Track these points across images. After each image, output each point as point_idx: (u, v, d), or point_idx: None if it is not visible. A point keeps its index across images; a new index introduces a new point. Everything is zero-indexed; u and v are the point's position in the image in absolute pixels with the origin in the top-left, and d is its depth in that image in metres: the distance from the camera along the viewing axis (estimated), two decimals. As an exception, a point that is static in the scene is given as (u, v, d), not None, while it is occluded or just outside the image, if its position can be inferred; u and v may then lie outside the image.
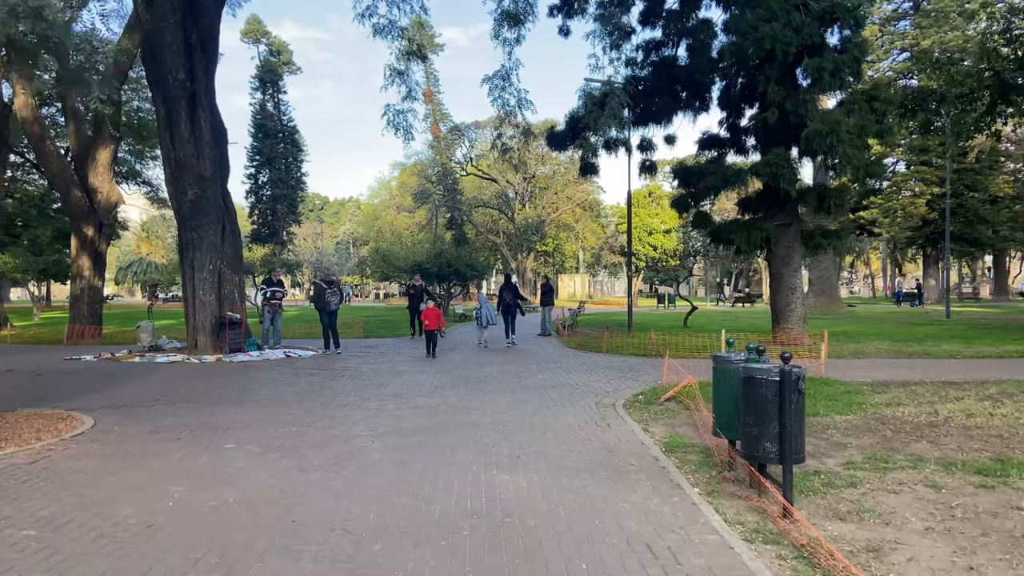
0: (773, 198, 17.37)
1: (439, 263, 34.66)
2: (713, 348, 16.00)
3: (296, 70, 54.36)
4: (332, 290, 16.02)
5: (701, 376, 11.66)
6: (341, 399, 10.18)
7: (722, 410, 6.16)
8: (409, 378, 12.33)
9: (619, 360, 15.14)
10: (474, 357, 15.95)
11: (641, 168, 19.07)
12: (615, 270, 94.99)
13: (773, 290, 17.85)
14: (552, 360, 15.26)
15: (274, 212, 51.60)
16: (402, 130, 18.49)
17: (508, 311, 18.98)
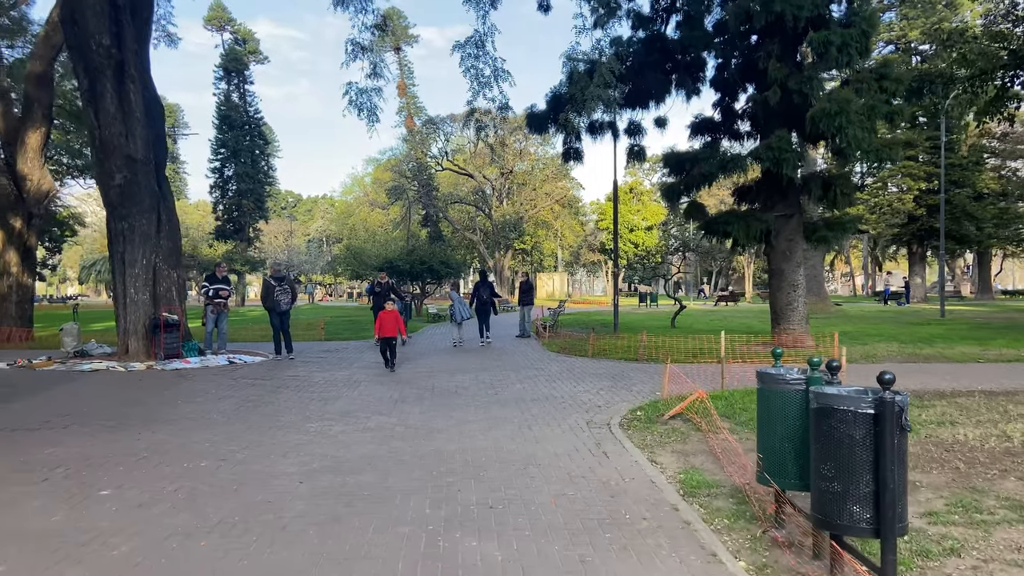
0: (774, 186, 15.83)
1: (412, 260, 32.86)
2: (712, 352, 14.45)
3: (263, 59, 52.14)
4: (282, 288, 14.16)
5: (705, 385, 10.02)
6: (278, 418, 8.39)
7: (771, 448, 4.47)
8: (366, 390, 10.56)
9: (607, 366, 13.48)
10: (445, 362, 14.21)
11: (629, 154, 17.42)
12: (594, 268, 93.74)
13: (773, 287, 16.32)
14: (533, 366, 13.56)
15: (240, 207, 49.36)
16: (366, 111, 16.66)
17: (483, 310, 18.36)
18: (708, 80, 17.63)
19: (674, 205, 17.06)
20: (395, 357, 12.86)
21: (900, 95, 15.22)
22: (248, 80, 50.57)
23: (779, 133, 14.71)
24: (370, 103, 16.79)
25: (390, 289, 17.11)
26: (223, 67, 49.14)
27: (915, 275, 44.51)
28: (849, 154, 14.57)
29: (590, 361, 14.24)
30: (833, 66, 14.81)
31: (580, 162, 17.34)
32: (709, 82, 17.67)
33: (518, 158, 58.26)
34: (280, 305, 14.12)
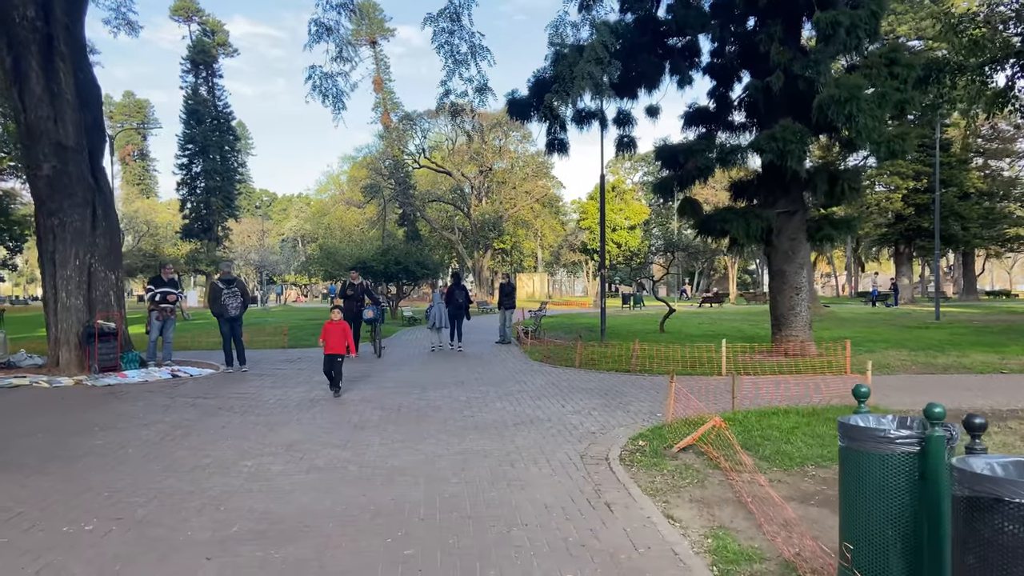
0: (775, 181, 14.61)
1: (386, 260, 31.36)
2: (712, 362, 13.18)
3: (233, 52, 50.29)
4: (231, 291, 12.63)
5: (712, 404, 8.71)
6: (208, 452, 6.93)
7: (865, 534, 3.12)
8: (323, 411, 9.12)
9: (597, 379, 12.13)
10: (417, 375, 12.78)
11: (618, 145, 16.08)
12: (574, 269, 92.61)
13: (773, 290, 15.08)
14: (514, 378, 12.17)
15: (208, 205, 47.46)
16: (331, 97, 15.18)
17: (457, 314, 17.72)
18: (702, 67, 16.38)
19: (667, 201, 15.73)
20: (340, 379, 10.32)
21: (910, 82, 14.03)
22: (217, 73, 48.67)
23: (783, 122, 13.46)
24: (336, 89, 15.32)
25: (364, 291, 15.49)
26: (190, 59, 47.20)
27: (902, 275, 43.75)
28: (860, 145, 13.36)
29: (578, 373, 12.88)
30: (841, 49, 13.58)
31: (565, 154, 16.02)
32: (703, 69, 16.42)
33: (497, 156, 56.84)
34: (228, 310, 12.59)
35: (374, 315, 15.13)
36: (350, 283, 15.52)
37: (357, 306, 15.05)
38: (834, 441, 7.01)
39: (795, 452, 6.66)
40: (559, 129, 15.52)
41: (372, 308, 15.10)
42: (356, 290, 15.35)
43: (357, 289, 15.37)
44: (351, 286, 15.42)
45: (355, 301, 15.10)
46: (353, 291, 15.30)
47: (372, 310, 15.02)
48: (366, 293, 15.52)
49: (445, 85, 12.84)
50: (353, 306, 14.94)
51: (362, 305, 15.17)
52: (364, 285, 15.88)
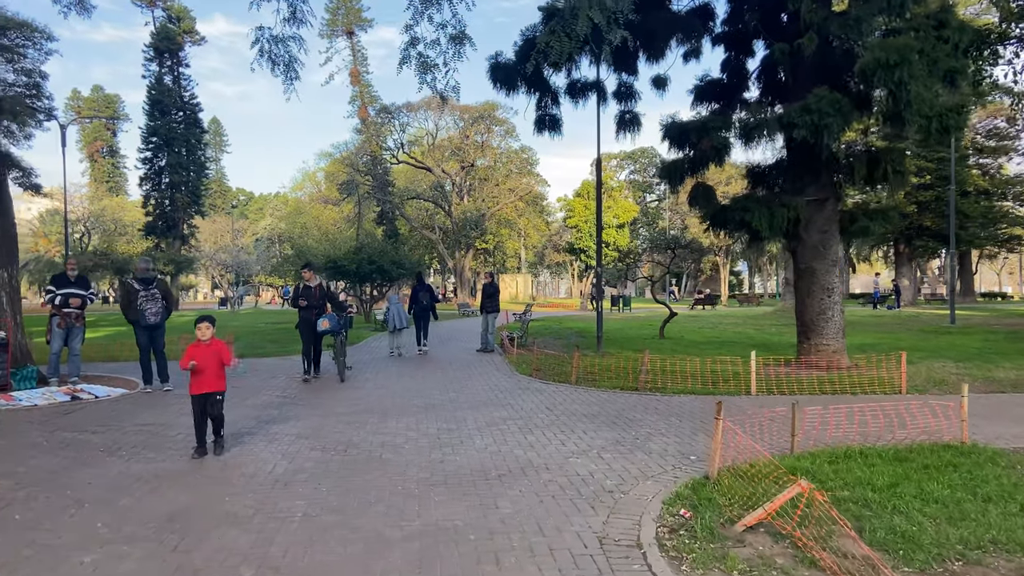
0: (804, 164, 12.50)
1: (359, 259, 28.94)
2: (737, 376, 10.96)
3: (200, 40, 47.56)
4: (149, 293, 10.25)
5: (761, 441, 6.51)
6: (40, 530, 4.61)
7: None
8: (241, 453, 6.81)
9: (600, 400, 9.90)
10: (378, 394, 10.47)
11: (620, 123, 13.89)
12: (558, 270, 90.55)
13: (801, 292, 12.94)
14: (499, 399, 9.91)
15: (173, 202, 44.72)
16: (282, 65, 12.81)
17: (422, 315, 16.90)
18: (714, 35, 14.26)
19: (675, 188, 13.55)
20: (222, 427, 6.88)
21: (961, 48, 11.96)
22: (183, 62, 45.92)
23: (819, 91, 11.32)
24: (287, 55, 12.94)
25: (324, 296, 12.14)
26: (153, 47, 44.41)
27: (902, 276, 41.99)
28: (908, 120, 11.22)
29: (575, 391, 10.63)
30: (883, 7, 11.48)
31: (558, 132, 13.78)
32: (715, 39, 14.31)
33: (480, 151, 54.53)
34: (146, 316, 10.22)
35: (332, 326, 11.63)
36: (304, 286, 12.04)
37: (316, 315, 11.79)
38: (970, 510, 4.83)
39: (921, 532, 4.46)
40: (550, 102, 13.29)
41: (329, 317, 11.68)
42: (312, 295, 11.96)
43: (314, 293, 11.99)
44: (305, 290, 11.94)
45: (312, 310, 11.77)
46: (308, 297, 11.89)
47: (329, 319, 11.61)
48: (327, 298, 12.23)
49: (410, 31, 10.45)
50: (311, 316, 11.77)
51: (321, 313, 11.87)
52: (323, 287, 12.41)
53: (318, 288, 12.20)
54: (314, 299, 11.95)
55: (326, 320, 11.62)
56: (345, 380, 11.68)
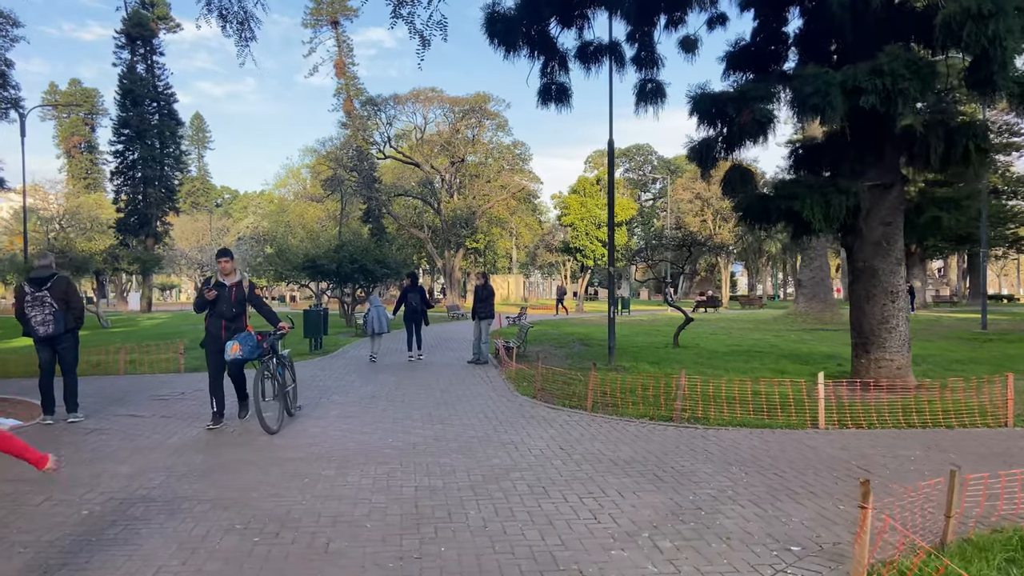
0: (865, 141, 10.37)
1: (339, 258, 26.60)
2: (795, 403, 8.76)
3: (175, 27, 45.10)
4: (38, 297, 7.93)
5: (909, 515, 4.33)
6: None
7: None
8: (124, 545, 4.57)
9: (628, 435, 7.71)
10: (340, 428, 8.23)
11: (640, 94, 11.71)
12: (551, 270, 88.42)
13: (857, 296, 10.82)
14: (499, 437, 7.69)
15: (145, 197, 42.21)
16: (234, 22, 10.63)
17: (413, 318, 15.37)
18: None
19: (706, 171, 11.36)
20: None
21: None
22: (157, 50, 43.38)
23: (891, 50, 9.20)
24: (242, 10, 10.74)
25: (247, 300, 8.05)
26: (125, 33, 41.84)
27: (914, 278, 40.02)
28: (1000, 85, 9.11)
29: (594, 422, 8.43)
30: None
31: (566, 104, 11.59)
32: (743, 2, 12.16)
33: (471, 147, 52.23)
34: (32, 327, 7.91)
35: (245, 353, 7.62)
36: (216, 282, 7.98)
37: (228, 329, 7.86)
38: None
39: None
40: (558, 68, 11.07)
41: (243, 338, 7.65)
42: (227, 298, 7.88)
43: (229, 296, 7.90)
44: (217, 288, 7.88)
45: (222, 322, 7.83)
46: (220, 302, 7.85)
47: (243, 342, 7.60)
48: (251, 302, 8.05)
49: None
50: (219, 330, 7.84)
51: (237, 328, 7.88)
52: (244, 288, 8.06)
53: (235, 289, 7.99)
54: (228, 305, 7.90)
55: (237, 344, 7.57)
56: (294, 415, 8.65)
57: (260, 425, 7.51)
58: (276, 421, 7.80)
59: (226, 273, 8.09)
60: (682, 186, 56.21)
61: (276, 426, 7.72)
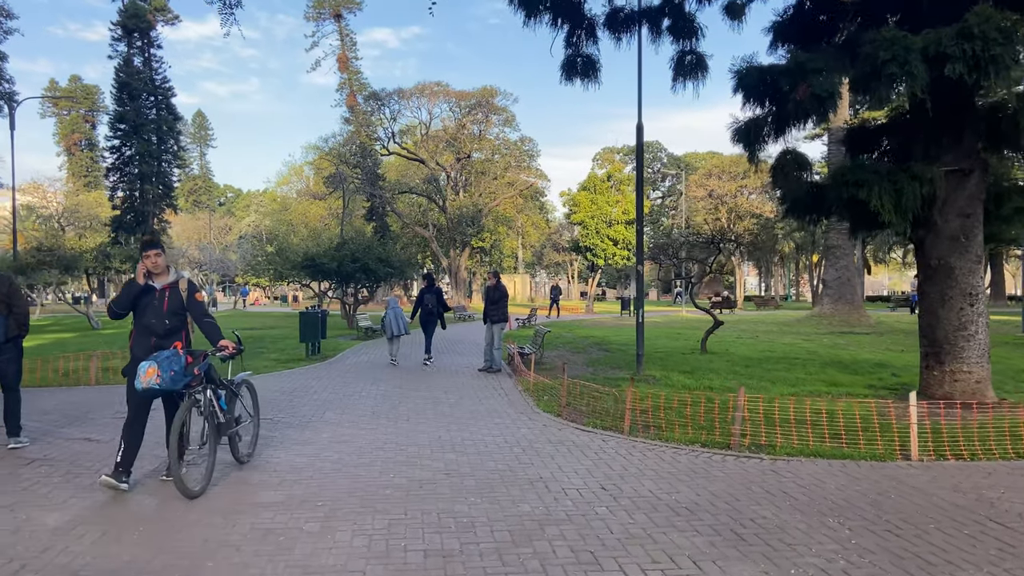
0: (942, 119, 8.98)
1: (340, 257, 25.28)
2: (871, 424, 7.30)
3: (173, 19, 43.83)
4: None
5: None
6: None
7: None
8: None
9: (683, 468, 6.34)
10: (329, 461, 6.87)
11: (679, 68, 10.31)
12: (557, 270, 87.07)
13: (930, 298, 9.44)
14: (525, 471, 6.32)
15: (142, 194, 40.95)
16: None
17: (428, 320, 14.64)
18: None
19: (753, 156, 9.95)
20: None
21: None
22: (154, 43, 42.10)
23: (981, 10, 7.81)
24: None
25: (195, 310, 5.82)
26: (121, 25, 40.55)
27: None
28: None
29: (636, 450, 7.05)
30: None
31: (593, 79, 10.23)
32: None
33: (476, 143, 50.85)
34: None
35: (165, 383, 5.19)
36: (145, 285, 5.68)
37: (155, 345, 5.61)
38: None
39: None
40: (584, 37, 9.69)
41: (164, 361, 5.25)
42: (154, 308, 5.65)
43: (157, 303, 5.67)
44: (142, 290, 5.67)
45: (151, 338, 5.61)
46: (148, 310, 5.65)
47: (162, 365, 5.22)
48: (190, 310, 5.80)
49: None
50: (146, 348, 5.59)
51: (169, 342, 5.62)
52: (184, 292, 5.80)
53: (169, 293, 5.69)
54: (159, 316, 5.62)
55: (154, 366, 5.18)
56: (247, 461, 6.35)
57: (176, 487, 5.23)
58: (202, 479, 5.49)
59: (157, 271, 5.69)
60: (695, 183, 54.73)
61: (201, 486, 5.39)
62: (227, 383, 6.14)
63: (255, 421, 6.72)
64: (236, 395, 6.25)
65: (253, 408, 6.70)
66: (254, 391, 6.78)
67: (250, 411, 6.62)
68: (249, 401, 6.65)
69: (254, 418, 6.70)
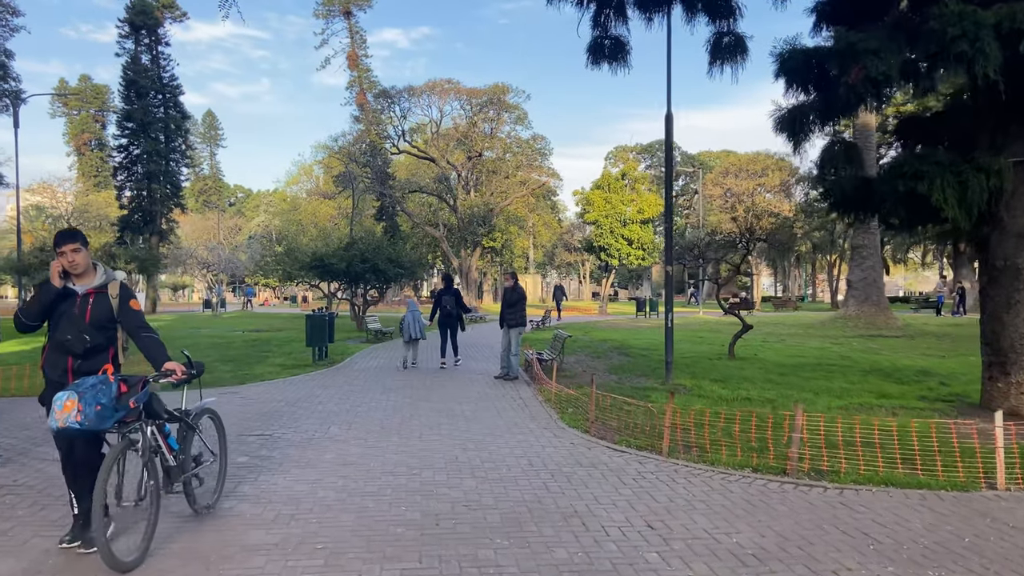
0: (1010, 105, 8.11)
1: (349, 257, 24.58)
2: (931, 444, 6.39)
3: (181, 16, 43.25)
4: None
5: None
6: None
7: None
8: None
9: (739, 499, 5.54)
10: (327, 488, 6.10)
11: (715, 51, 9.49)
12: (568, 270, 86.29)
13: (995, 302, 8.60)
14: (555, 503, 5.53)
15: (150, 193, 40.40)
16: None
17: (448, 322, 14.28)
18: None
19: (799, 145, 9.11)
20: None
21: None
22: (162, 40, 41.57)
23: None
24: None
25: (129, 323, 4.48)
26: (129, 21, 40.04)
27: (963, 279, 37.47)
28: None
29: (678, 474, 6.24)
30: None
31: (622, 63, 9.45)
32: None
33: (488, 142, 50.09)
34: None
35: (86, 421, 3.87)
36: (66, 288, 4.34)
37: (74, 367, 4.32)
38: None
39: None
40: (613, 17, 8.89)
41: (86, 389, 3.94)
42: (73, 319, 4.30)
43: (73, 315, 4.31)
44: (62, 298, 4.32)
45: (65, 357, 4.30)
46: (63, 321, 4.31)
47: (83, 395, 3.91)
48: (123, 323, 4.49)
49: None
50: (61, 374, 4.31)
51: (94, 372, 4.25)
52: (115, 299, 4.46)
53: (94, 300, 4.40)
54: (78, 330, 4.30)
55: (72, 398, 3.89)
56: (206, 512, 5.02)
57: (102, 559, 3.88)
58: (138, 547, 4.18)
59: (76, 272, 4.35)
60: (711, 181, 53.75)
61: (135, 556, 4.09)
62: (180, 415, 4.76)
63: (221, 460, 5.35)
64: (194, 429, 4.87)
65: (219, 444, 5.35)
66: (220, 422, 5.39)
67: (214, 449, 5.22)
68: (214, 434, 5.34)
69: (220, 457, 5.33)
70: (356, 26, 52.14)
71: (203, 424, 5.11)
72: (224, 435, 5.47)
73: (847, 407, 9.08)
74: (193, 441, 4.89)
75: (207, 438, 5.17)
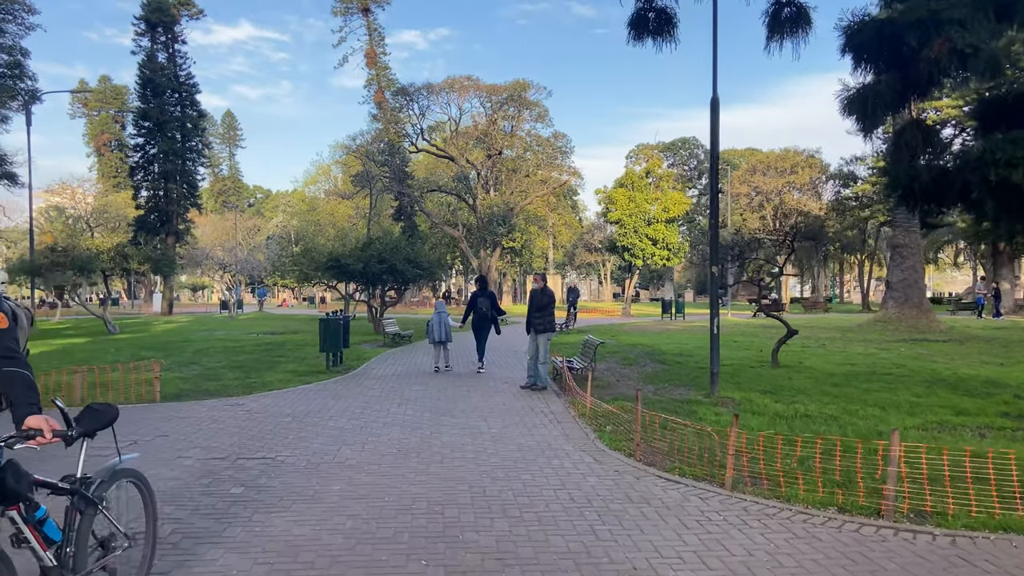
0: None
1: (366, 257, 23.73)
2: None
3: (198, 14, 42.73)
4: None
5: None
6: None
7: None
8: None
9: (824, 548, 4.54)
10: (335, 511, 5.18)
11: (773, 23, 8.41)
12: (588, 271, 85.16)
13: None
14: (604, 552, 4.56)
15: (166, 193, 39.90)
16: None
17: (482, 325, 13.77)
18: None
19: (870, 128, 8.07)
20: None
21: None
22: (179, 38, 41.08)
23: None
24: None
25: None
26: (145, 19, 39.60)
27: (1001, 279, 35.97)
28: None
29: (748, 514, 5.24)
30: None
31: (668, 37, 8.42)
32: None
33: (508, 140, 49.15)
34: None
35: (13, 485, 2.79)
36: None
37: None
38: None
39: None
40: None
41: None
42: None
43: None
44: None
45: None
46: None
47: None
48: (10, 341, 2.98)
49: None
50: None
51: None
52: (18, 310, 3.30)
53: None
54: None
55: None
56: None
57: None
58: None
59: None
60: (738, 179, 52.37)
61: None
62: (71, 485, 3.24)
63: (148, 539, 3.89)
64: (96, 504, 3.32)
65: (146, 518, 3.89)
66: (147, 488, 3.88)
67: (130, 527, 3.72)
68: (137, 506, 3.87)
69: (147, 534, 3.88)
70: (374, 23, 51.52)
71: (116, 496, 3.64)
72: (153, 506, 3.93)
73: (924, 426, 8.02)
74: (96, 521, 3.35)
75: (128, 511, 3.79)
